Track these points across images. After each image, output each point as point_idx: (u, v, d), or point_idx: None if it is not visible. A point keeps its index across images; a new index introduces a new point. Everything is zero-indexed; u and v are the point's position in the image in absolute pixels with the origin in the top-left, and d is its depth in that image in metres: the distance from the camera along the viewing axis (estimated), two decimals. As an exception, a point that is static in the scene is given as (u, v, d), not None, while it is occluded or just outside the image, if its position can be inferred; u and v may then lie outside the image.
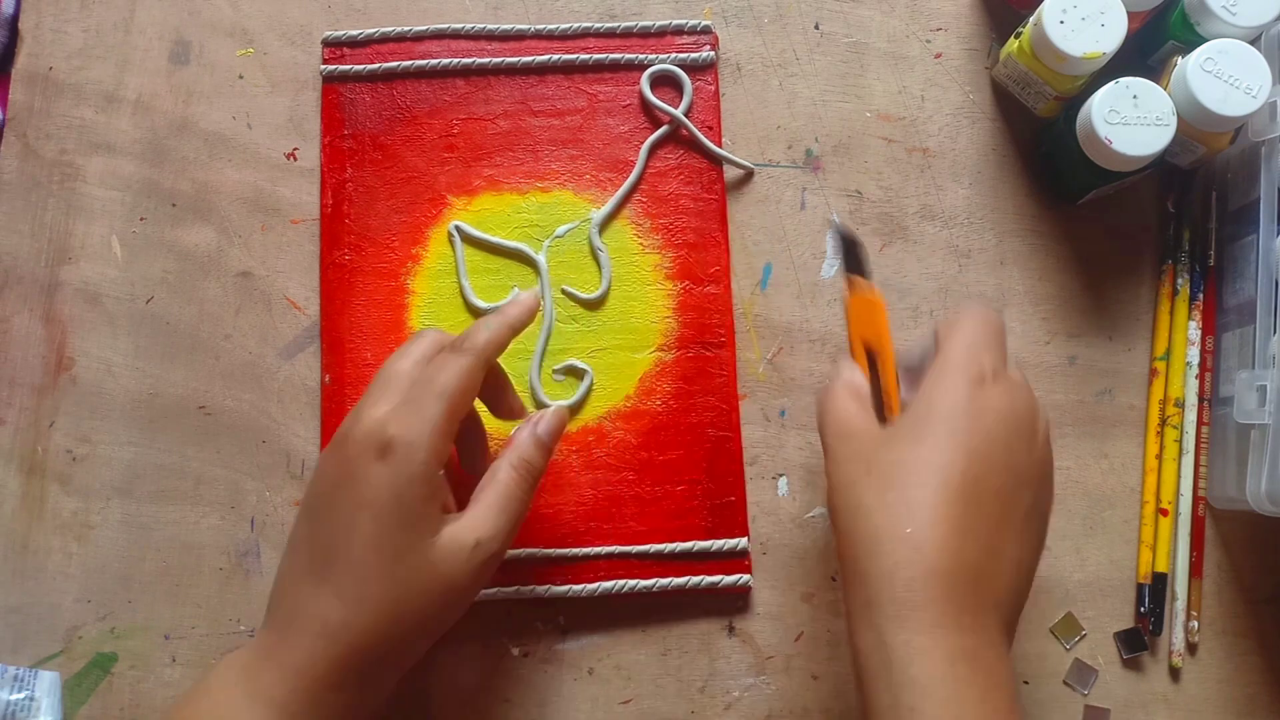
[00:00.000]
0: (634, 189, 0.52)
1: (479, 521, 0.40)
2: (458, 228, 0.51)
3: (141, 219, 0.52)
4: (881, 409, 0.41)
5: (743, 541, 0.49)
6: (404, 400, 0.40)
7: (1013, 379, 0.40)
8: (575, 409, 0.50)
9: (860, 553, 0.37)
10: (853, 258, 0.44)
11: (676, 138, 0.53)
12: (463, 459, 0.46)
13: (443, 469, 0.40)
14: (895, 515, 0.37)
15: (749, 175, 0.53)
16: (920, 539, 0.36)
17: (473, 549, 0.39)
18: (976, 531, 0.37)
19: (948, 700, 0.35)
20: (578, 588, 0.49)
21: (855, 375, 0.42)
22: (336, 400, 0.50)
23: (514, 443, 0.42)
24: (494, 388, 0.45)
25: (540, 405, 0.50)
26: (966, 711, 0.35)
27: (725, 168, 0.53)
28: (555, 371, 0.51)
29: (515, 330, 0.43)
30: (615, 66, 0.53)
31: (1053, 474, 0.42)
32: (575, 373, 0.51)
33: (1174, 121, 0.47)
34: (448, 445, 0.40)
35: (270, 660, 0.39)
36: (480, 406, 0.46)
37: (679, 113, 0.52)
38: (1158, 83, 0.47)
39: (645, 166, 0.52)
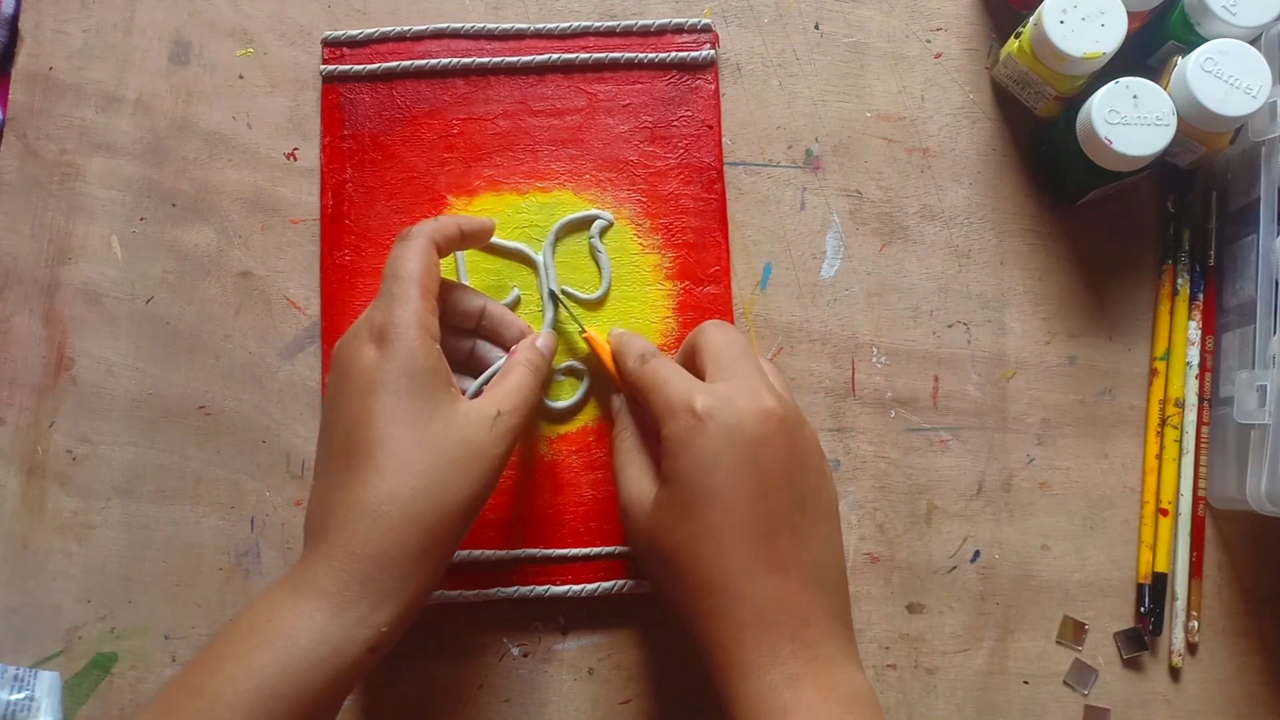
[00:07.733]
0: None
1: (498, 397, 0.42)
2: (458, 228, 0.51)
3: (141, 219, 0.52)
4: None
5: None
6: (378, 297, 0.42)
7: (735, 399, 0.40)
8: (575, 409, 0.51)
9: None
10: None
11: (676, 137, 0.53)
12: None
13: (439, 345, 0.41)
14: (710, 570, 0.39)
15: (749, 175, 0.53)
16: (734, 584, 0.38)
17: (495, 418, 0.41)
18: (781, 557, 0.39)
19: None
20: (577, 588, 0.49)
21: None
22: (336, 400, 0.50)
23: (519, 348, 0.46)
24: (454, 290, 0.48)
25: (542, 409, 0.50)
26: None
27: (725, 167, 0.53)
28: (556, 372, 0.51)
29: (462, 228, 0.46)
30: (615, 66, 0.53)
31: (821, 465, 0.42)
32: (576, 373, 0.51)
33: (1174, 121, 0.47)
34: (433, 320, 0.42)
35: (315, 558, 0.38)
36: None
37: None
38: (1158, 83, 0.47)
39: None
